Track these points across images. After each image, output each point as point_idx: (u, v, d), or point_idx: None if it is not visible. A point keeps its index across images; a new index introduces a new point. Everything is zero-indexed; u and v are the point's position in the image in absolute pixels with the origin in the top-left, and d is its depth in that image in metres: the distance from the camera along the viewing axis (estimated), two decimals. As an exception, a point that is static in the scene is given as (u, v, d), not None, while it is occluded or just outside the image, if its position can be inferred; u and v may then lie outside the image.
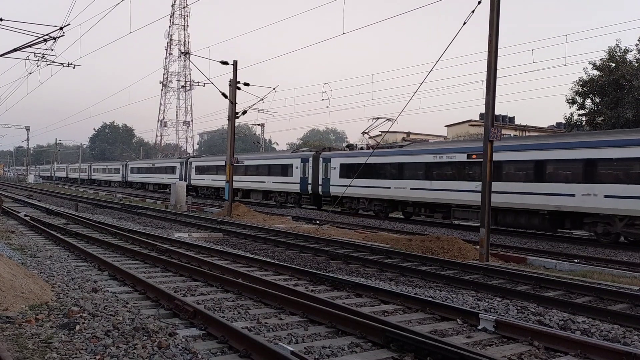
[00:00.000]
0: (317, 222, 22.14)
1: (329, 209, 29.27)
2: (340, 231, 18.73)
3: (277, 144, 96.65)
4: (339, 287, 8.79)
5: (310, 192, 32.28)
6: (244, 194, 39.36)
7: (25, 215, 19.87)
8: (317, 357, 5.26)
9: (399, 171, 25.42)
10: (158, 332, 5.54)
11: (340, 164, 29.84)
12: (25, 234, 15.08)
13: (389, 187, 25.83)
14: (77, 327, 5.75)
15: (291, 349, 4.95)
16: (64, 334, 5.57)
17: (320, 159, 31.66)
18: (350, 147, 33.55)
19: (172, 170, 51.33)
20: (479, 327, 6.54)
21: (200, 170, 45.76)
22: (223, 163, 35.01)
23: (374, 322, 6.02)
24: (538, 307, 7.71)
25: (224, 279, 8.70)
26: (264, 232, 17.64)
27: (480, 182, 13.16)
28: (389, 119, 26.35)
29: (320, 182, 31.49)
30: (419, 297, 7.90)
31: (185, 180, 45.22)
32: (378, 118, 27.73)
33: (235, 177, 32.43)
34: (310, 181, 32.23)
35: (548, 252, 15.00)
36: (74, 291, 7.66)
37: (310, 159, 32.54)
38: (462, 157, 22.14)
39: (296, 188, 33.49)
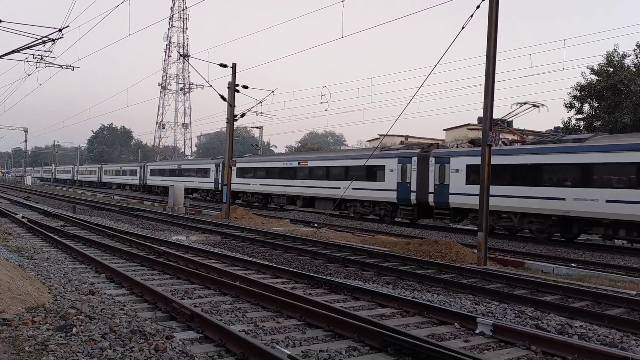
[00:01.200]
0: (315, 225, 22.13)
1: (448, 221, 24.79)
2: (338, 234, 18.72)
3: (276, 147, 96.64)
4: (337, 290, 8.78)
5: (413, 202, 25.22)
6: (307, 201, 32.07)
7: (23, 217, 19.82)
8: (314, 360, 5.25)
9: (582, 175, 18.30)
10: (155, 335, 5.52)
11: (468, 166, 22.82)
12: (23, 236, 15.04)
13: (563, 199, 18.54)
14: (74, 330, 5.73)
15: (288, 352, 4.94)
16: (60, 337, 5.55)
17: (432, 160, 24.49)
18: (474, 142, 25.97)
19: (204, 172, 44.99)
20: (477, 331, 6.53)
21: (246, 173, 37.87)
22: (279, 164, 33.36)
23: (372, 326, 6.02)
24: (536, 311, 7.71)
25: (222, 281, 8.68)
26: (261, 235, 17.62)
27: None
28: (535, 105, 20.78)
29: (431, 190, 24.27)
30: (417, 300, 7.90)
31: (219, 184, 40.98)
32: (524, 103, 21.10)
33: (294, 182, 32.02)
34: (414, 188, 25.13)
35: (546, 257, 15.01)
36: (71, 293, 7.64)
37: (415, 159, 25.43)
38: None
39: (391, 196, 26.19)
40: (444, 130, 56.35)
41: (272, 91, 25.35)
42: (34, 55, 19.04)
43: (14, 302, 6.70)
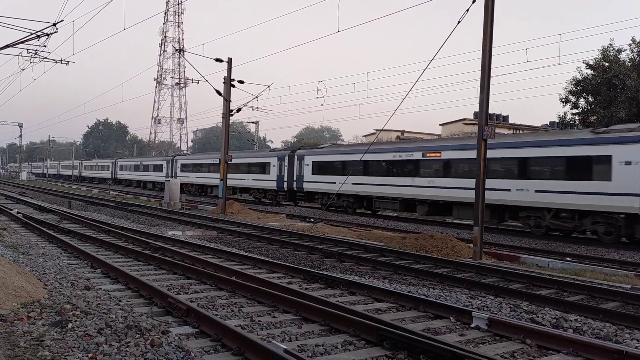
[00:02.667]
0: (312, 220, 22.14)
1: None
2: (334, 229, 18.74)
3: (272, 142, 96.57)
4: (333, 285, 8.79)
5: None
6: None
7: (18, 213, 19.76)
8: (310, 355, 5.26)
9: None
10: (151, 330, 5.52)
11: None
12: (18, 232, 14.99)
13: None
14: (70, 325, 5.72)
15: (284, 347, 4.94)
16: (56, 332, 5.54)
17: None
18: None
19: (262, 168, 36.53)
20: (472, 325, 6.56)
21: (325, 168, 30.56)
22: (390, 156, 25.83)
23: (368, 320, 6.03)
24: (531, 305, 7.75)
25: (218, 276, 8.69)
26: (257, 230, 17.62)
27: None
28: None
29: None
30: (413, 295, 7.92)
31: (283, 182, 33.89)
32: None
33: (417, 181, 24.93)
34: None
35: (541, 251, 15.07)
36: (66, 289, 7.62)
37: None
38: None
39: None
40: (440, 125, 56.40)
41: (268, 86, 25.31)
42: (28, 49, 18.96)
43: (9, 297, 6.68)
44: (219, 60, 24.16)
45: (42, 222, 17.08)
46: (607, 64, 27.82)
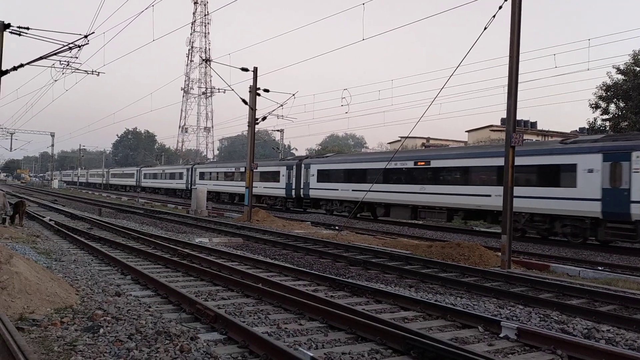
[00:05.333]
0: (336, 227, 22.13)
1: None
2: (359, 237, 18.69)
3: (297, 150, 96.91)
4: (359, 293, 8.78)
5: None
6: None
7: (50, 220, 20.26)
8: (337, 363, 5.25)
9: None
10: (180, 336, 5.60)
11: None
12: (50, 238, 15.37)
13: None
14: (101, 331, 5.85)
15: (311, 354, 4.96)
16: (88, 337, 5.67)
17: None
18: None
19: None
20: (501, 335, 6.47)
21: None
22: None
23: (394, 329, 6.01)
24: (561, 315, 7.60)
25: (244, 283, 8.76)
26: (283, 238, 17.70)
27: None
28: None
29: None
30: (440, 304, 7.85)
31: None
32: None
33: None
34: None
35: (571, 259, 14.76)
36: (97, 295, 7.79)
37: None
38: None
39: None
40: (466, 131, 55.83)
41: (293, 94, 25.49)
42: (60, 61, 19.45)
43: (43, 303, 6.87)
44: (244, 69, 24.44)
45: (73, 229, 17.47)
46: (638, 69, 27.23)
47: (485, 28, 12.79)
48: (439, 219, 24.55)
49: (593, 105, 29.64)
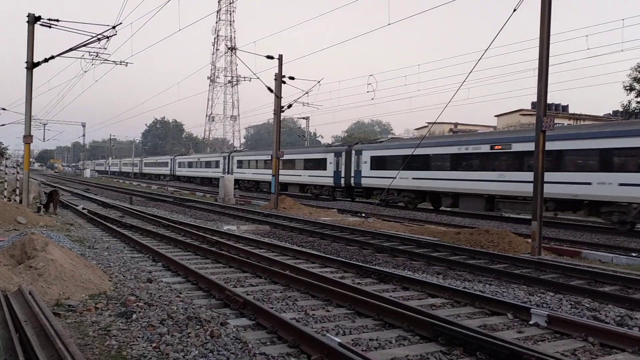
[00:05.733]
0: (363, 215, 22.12)
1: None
2: (386, 224, 18.65)
3: (322, 137, 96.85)
4: (386, 280, 8.78)
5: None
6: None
7: (83, 208, 20.78)
8: (364, 349, 5.29)
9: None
10: (210, 322, 5.71)
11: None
12: (84, 226, 15.78)
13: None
14: (134, 316, 6.00)
15: (339, 340, 5.00)
16: (122, 322, 5.83)
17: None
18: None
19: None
20: (531, 322, 6.40)
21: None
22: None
23: (422, 316, 6.00)
24: (593, 302, 7.48)
25: (272, 270, 8.85)
26: (310, 225, 17.78)
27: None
28: None
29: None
30: (468, 291, 7.80)
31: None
32: None
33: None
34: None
35: (604, 246, 14.46)
36: (130, 281, 7.99)
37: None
38: None
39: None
40: (495, 116, 54.90)
41: (318, 81, 25.46)
42: (89, 52, 19.82)
43: (78, 289, 7.08)
44: (269, 57, 24.46)
45: (105, 217, 17.89)
46: (676, 49, 26.23)
47: (514, 10, 12.49)
48: (521, 210, 21.59)
49: (627, 87, 28.78)
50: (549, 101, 12.06)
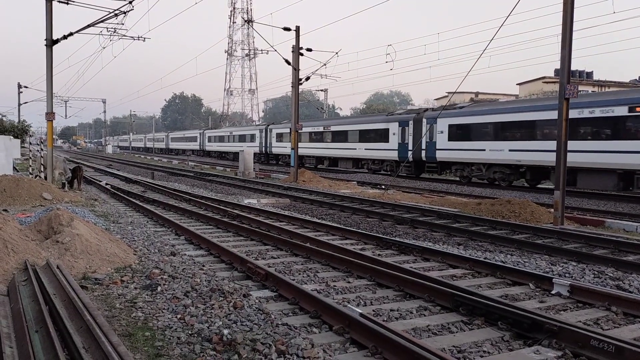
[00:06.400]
0: (383, 187, 22.07)
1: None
2: (406, 196, 18.60)
3: (341, 109, 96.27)
4: (406, 251, 8.80)
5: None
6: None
7: (106, 184, 21.12)
8: (385, 319, 5.34)
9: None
10: (233, 294, 5.81)
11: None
12: (107, 202, 16.06)
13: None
14: (159, 289, 6.14)
15: (360, 311, 5.05)
16: (147, 295, 5.97)
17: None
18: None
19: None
20: (553, 292, 6.37)
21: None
22: None
23: (443, 286, 6.01)
24: (617, 271, 7.40)
25: (293, 243, 8.93)
26: (329, 198, 17.82)
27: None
28: None
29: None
30: (489, 261, 7.77)
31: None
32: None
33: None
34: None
35: (628, 215, 14.23)
36: (154, 255, 8.14)
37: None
38: None
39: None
40: (517, 84, 53.85)
41: (336, 53, 25.13)
42: (107, 28, 19.85)
43: (104, 263, 7.25)
44: (287, 29, 24.20)
45: (128, 193, 18.17)
46: None
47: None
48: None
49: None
50: (573, 68, 11.72)
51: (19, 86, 54.04)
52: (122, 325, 5.00)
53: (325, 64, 25.43)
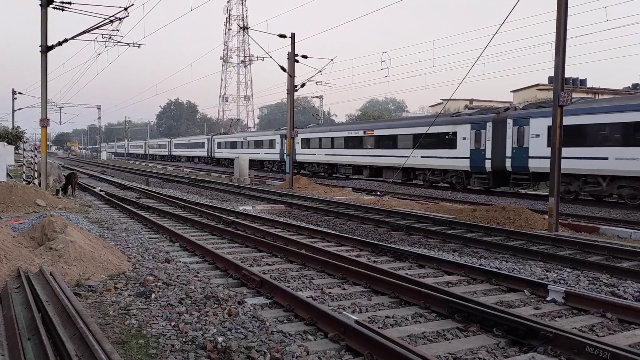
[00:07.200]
0: (378, 193, 22.08)
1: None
2: (401, 202, 18.61)
3: (336, 116, 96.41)
4: (401, 258, 8.79)
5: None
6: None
7: (101, 191, 21.02)
8: (381, 326, 5.32)
9: None
10: (228, 301, 5.78)
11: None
12: (102, 208, 15.99)
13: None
14: (153, 296, 6.10)
15: (355, 318, 5.03)
16: (141, 302, 5.93)
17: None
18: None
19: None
20: (548, 299, 6.37)
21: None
22: None
23: (438, 293, 6.00)
24: (611, 278, 7.42)
25: (288, 249, 8.90)
26: (325, 204, 17.80)
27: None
28: None
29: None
30: (484, 268, 7.77)
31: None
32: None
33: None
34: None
35: (622, 221, 14.28)
36: (148, 261, 8.10)
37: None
38: None
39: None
40: (511, 91, 54.12)
41: (331, 59, 25.23)
42: (102, 34, 19.84)
43: (97, 270, 7.20)
44: (282, 36, 24.28)
45: (123, 199, 18.09)
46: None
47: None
48: None
49: (648, 60, 28.02)
50: (566, 75, 11.77)
51: (13, 92, 53.90)
52: (116, 333, 4.96)
53: (320, 71, 25.54)
